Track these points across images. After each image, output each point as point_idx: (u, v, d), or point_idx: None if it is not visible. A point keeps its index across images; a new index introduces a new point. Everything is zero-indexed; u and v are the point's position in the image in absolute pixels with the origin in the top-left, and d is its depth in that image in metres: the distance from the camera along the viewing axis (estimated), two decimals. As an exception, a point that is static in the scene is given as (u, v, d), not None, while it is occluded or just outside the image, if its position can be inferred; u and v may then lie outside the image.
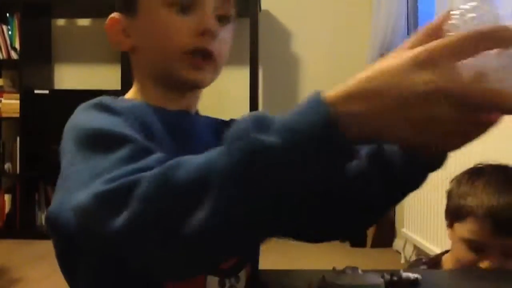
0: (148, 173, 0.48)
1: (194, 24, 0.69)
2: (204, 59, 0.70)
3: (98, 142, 0.57)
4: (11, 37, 3.55)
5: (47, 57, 3.81)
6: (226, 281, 0.70)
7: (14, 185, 3.58)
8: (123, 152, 0.54)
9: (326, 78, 3.73)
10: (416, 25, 3.45)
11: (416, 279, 0.72)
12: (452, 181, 1.09)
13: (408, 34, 3.40)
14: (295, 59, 3.78)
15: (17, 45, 3.53)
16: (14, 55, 3.54)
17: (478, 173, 1.04)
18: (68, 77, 3.83)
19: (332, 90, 0.46)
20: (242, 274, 0.72)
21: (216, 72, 0.74)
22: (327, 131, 0.44)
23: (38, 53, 3.72)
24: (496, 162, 1.07)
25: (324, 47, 3.74)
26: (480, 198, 0.97)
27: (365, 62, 3.48)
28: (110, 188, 0.49)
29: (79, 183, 0.53)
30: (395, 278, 0.71)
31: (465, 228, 0.99)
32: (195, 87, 0.74)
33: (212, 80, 0.75)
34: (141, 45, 0.74)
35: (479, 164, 1.09)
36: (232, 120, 0.78)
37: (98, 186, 0.50)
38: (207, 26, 0.69)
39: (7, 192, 3.58)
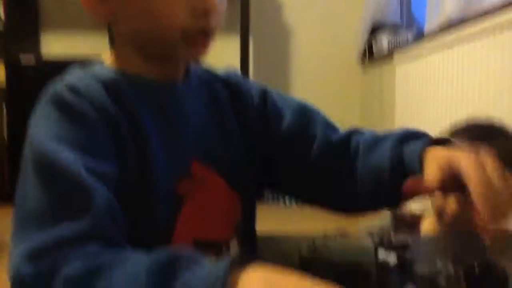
0: (67, 271, 0.47)
1: (193, 1, 0.61)
2: (205, 39, 0.65)
3: (39, 172, 0.54)
4: (-5, 4, 3.46)
5: (34, 23, 3.72)
6: (222, 252, 0.69)
7: (2, 156, 3.55)
8: (54, 193, 0.52)
9: (318, 47, 3.70)
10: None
11: (406, 241, 0.71)
12: None
13: (400, 5, 3.36)
14: (287, 29, 3.73)
15: (1, 12, 3.44)
16: (-1, 23, 3.46)
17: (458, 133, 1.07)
18: (56, 44, 3.75)
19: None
20: (233, 243, 0.71)
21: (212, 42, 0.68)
22: None
23: (24, 19, 3.63)
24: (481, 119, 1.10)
25: (316, 17, 3.69)
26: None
27: (358, 33, 3.45)
28: (28, 274, 0.48)
29: (18, 221, 0.53)
30: (384, 241, 0.70)
31: None
32: (191, 62, 0.71)
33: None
34: (123, 14, 0.65)
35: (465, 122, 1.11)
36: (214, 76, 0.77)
37: (19, 262, 0.49)
38: (210, 4, 0.62)
39: (-5, 162, 3.56)
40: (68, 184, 0.53)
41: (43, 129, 0.58)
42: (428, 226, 1.11)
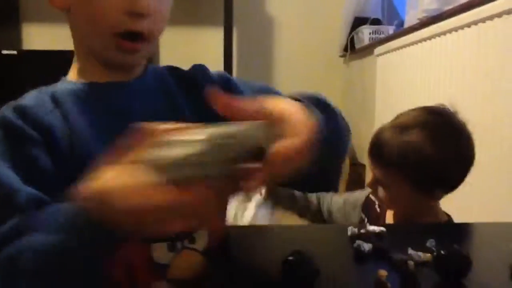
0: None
1: (124, 1, 0.64)
2: (133, 41, 0.66)
3: None
4: (-25, -6, 3.42)
5: (14, 15, 3.68)
6: (178, 244, 0.68)
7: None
8: None
9: (301, 39, 3.73)
10: (390, -14, 3.45)
11: (381, 231, 0.76)
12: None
13: (382, -4, 3.41)
14: (270, 20, 3.75)
15: (-18, 4, 3.40)
16: (-21, 14, 3.42)
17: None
18: (37, 37, 3.72)
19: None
20: (200, 235, 0.71)
21: (148, 49, 0.70)
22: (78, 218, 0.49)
23: (5, 11, 3.59)
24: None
25: (299, 8, 3.71)
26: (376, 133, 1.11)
27: (340, 23, 3.48)
28: None
29: None
30: (362, 231, 0.75)
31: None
32: (124, 68, 0.71)
33: (147, 55, 0.72)
34: (75, 12, 0.68)
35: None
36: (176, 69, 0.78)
37: None
38: (135, 7, 0.64)
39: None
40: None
41: None
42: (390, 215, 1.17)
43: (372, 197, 1.22)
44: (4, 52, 3.37)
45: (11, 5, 3.66)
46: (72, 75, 0.72)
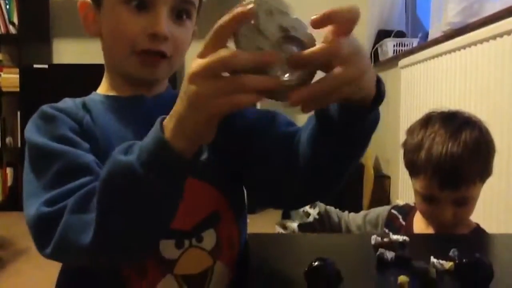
0: (72, 200, 0.61)
1: (146, 23, 0.71)
2: (155, 57, 0.73)
3: (37, 158, 0.69)
4: (9, 11, 3.55)
5: (45, 32, 3.81)
6: (185, 241, 0.73)
7: (16, 158, 3.63)
8: (56, 168, 0.65)
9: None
10: (413, 2, 3.45)
11: (404, 241, 0.77)
12: (406, 131, 1.16)
13: (405, 8, 3.41)
14: (293, 34, 3.78)
15: (15, 20, 3.53)
16: (12, 30, 3.55)
17: (428, 123, 1.11)
18: (66, 51, 3.83)
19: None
20: (208, 234, 0.74)
21: (171, 67, 0.77)
22: (160, 145, 0.54)
23: (37, 28, 3.72)
24: (446, 109, 1.14)
25: (322, 22, 3.73)
26: (428, 154, 1.04)
27: (363, 36, 3.50)
28: (46, 212, 0.62)
29: (27, 196, 0.66)
30: (385, 240, 0.76)
31: (417, 184, 1.08)
32: (147, 82, 0.78)
33: (167, 75, 0.79)
34: (104, 36, 0.77)
35: (431, 112, 1.15)
36: None
37: (38, 207, 0.62)
38: (158, 29, 0.71)
39: (9, 166, 3.64)
40: (63, 160, 0.66)
41: (29, 130, 0.72)
42: (419, 223, 1.16)
43: (394, 212, 1.22)
44: (36, 66, 3.49)
45: (43, 23, 3.79)
46: (102, 89, 0.82)
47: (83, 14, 0.78)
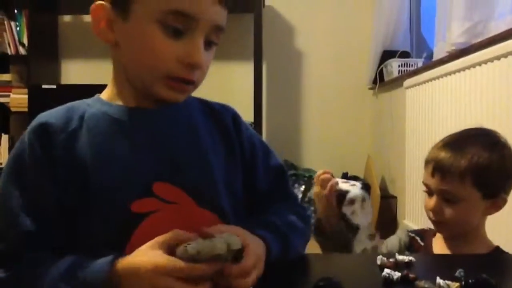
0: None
1: (183, 52, 0.70)
2: (186, 85, 0.74)
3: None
4: (19, 33, 3.60)
5: (54, 52, 3.87)
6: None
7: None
8: None
9: (329, 73, 3.78)
10: (418, 19, 3.48)
11: (410, 261, 0.77)
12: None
13: (410, 28, 3.44)
14: (299, 54, 3.82)
15: (25, 41, 3.58)
16: (22, 51, 3.60)
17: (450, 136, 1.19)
18: (74, 72, 3.88)
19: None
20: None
21: (193, 90, 0.77)
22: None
23: (46, 48, 3.77)
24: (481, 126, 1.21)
25: (327, 42, 3.78)
26: (433, 151, 1.15)
27: (368, 56, 3.52)
28: None
29: None
30: (390, 260, 0.76)
31: (423, 177, 1.17)
32: (168, 103, 0.77)
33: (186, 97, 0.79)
34: (124, 47, 0.74)
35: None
36: (216, 104, 0.86)
37: None
38: (196, 60, 0.71)
39: (16, 185, 3.65)
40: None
41: (6, 169, 0.73)
42: (438, 243, 1.17)
43: (412, 234, 1.22)
44: (45, 86, 3.53)
45: (51, 43, 3.85)
46: (107, 95, 0.80)
47: (96, 17, 0.74)
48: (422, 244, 1.19)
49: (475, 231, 1.12)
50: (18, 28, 3.61)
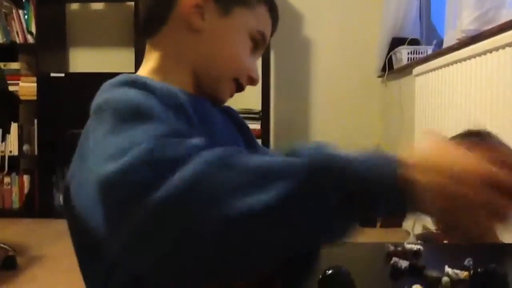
0: (202, 153, 0.50)
1: (253, 67, 0.79)
2: (236, 92, 0.81)
3: (137, 115, 0.55)
4: (27, 21, 3.61)
5: (62, 40, 3.87)
6: None
7: (33, 166, 3.67)
8: (162, 128, 0.54)
9: (338, 61, 3.76)
10: (428, 6, 3.44)
11: (418, 250, 0.77)
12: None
13: (420, 16, 3.40)
14: (307, 42, 3.80)
15: (33, 29, 3.58)
16: (30, 39, 3.61)
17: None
18: (83, 60, 3.89)
19: (404, 155, 0.53)
20: None
21: None
22: (397, 187, 0.50)
23: (54, 37, 3.78)
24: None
25: (335, 30, 3.75)
26: None
27: (377, 44, 3.49)
28: (160, 155, 0.49)
29: (116, 151, 0.51)
30: (398, 249, 0.76)
31: None
32: (217, 102, 0.79)
33: None
34: (208, 39, 0.75)
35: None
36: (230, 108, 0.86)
37: (143, 153, 0.49)
38: (256, 77, 0.80)
39: (26, 173, 3.68)
40: (161, 120, 0.56)
41: (120, 93, 0.61)
42: None
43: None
44: (53, 74, 3.54)
45: (59, 32, 3.85)
46: (156, 76, 0.74)
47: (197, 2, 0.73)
48: None
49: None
50: (26, 17, 3.61)
